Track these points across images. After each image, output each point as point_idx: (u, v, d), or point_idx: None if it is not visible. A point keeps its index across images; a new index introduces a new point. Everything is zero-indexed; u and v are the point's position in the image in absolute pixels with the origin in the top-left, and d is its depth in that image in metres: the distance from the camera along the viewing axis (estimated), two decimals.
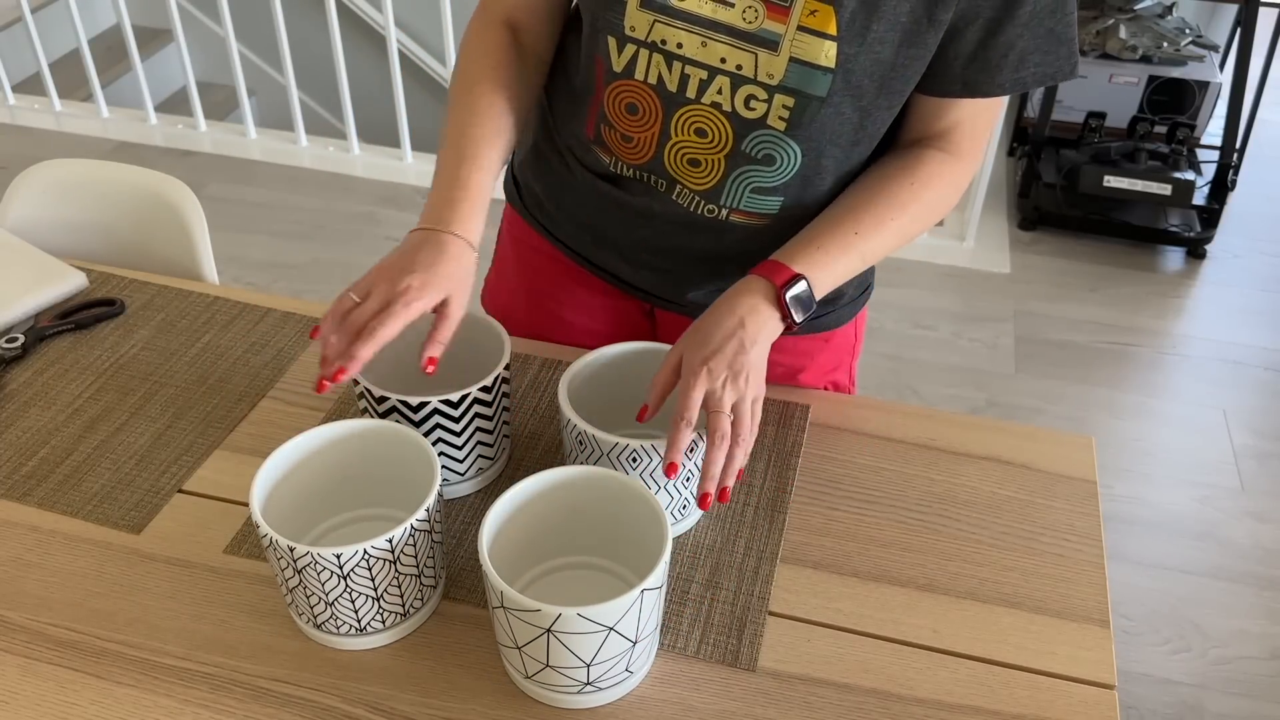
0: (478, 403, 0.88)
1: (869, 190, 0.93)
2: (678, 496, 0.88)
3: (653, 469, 0.85)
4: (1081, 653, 0.83)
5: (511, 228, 1.16)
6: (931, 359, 2.49)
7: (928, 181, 0.93)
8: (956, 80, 0.89)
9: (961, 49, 0.87)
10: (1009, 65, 0.87)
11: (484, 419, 0.90)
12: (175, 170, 3.08)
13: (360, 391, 0.89)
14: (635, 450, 0.83)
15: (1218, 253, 2.93)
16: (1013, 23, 0.84)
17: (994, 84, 0.88)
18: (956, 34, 0.86)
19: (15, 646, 0.81)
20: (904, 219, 0.92)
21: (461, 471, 0.92)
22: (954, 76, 0.89)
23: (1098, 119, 2.95)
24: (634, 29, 0.88)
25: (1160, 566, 2.01)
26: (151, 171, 1.42)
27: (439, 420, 0.87)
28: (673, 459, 0.80)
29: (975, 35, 0.85)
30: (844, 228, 0.91)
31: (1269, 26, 3.02)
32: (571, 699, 0.77)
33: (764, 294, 0.87)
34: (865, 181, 0.94)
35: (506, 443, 0.96)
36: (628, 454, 0.84)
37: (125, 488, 0.95)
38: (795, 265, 0.89)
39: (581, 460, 0.87)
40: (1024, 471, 0.99)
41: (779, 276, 0.88)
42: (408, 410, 0.86)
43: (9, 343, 1.09)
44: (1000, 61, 0.87)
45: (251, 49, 3.93)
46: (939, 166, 0.93)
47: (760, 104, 0.88)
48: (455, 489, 0.93)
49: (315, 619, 0.80)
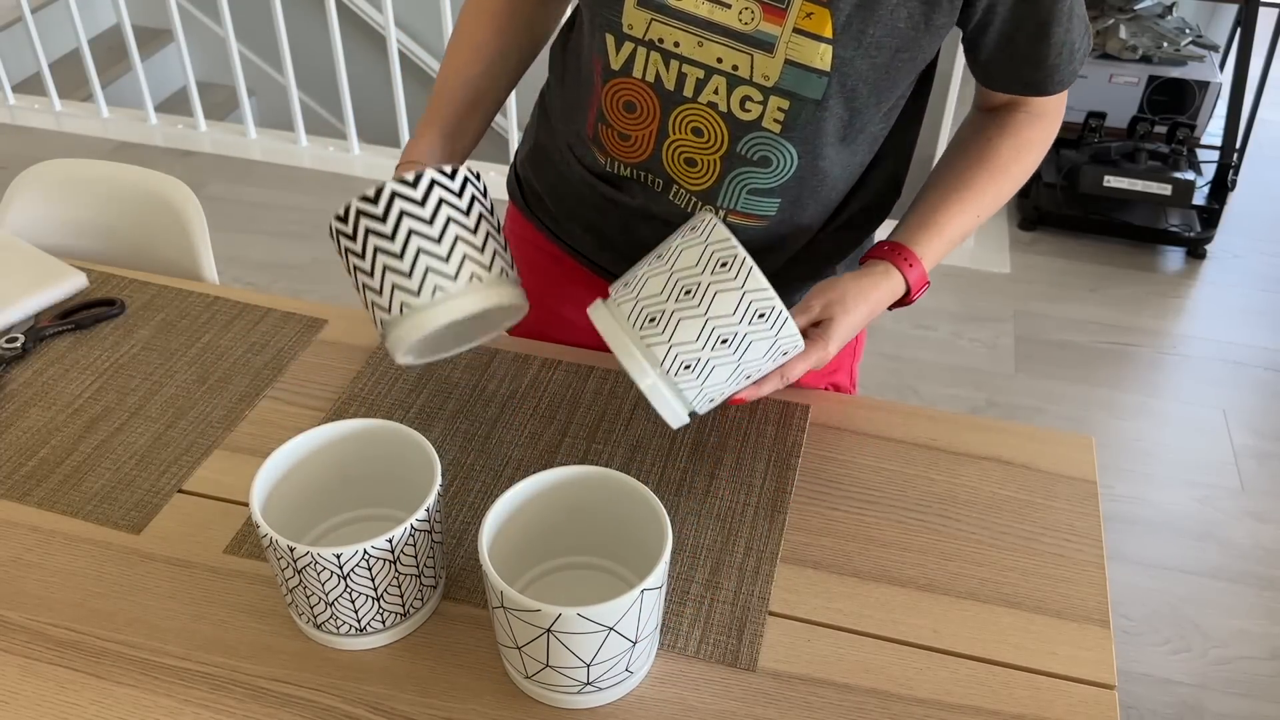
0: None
1: (979, 163, 0.97)
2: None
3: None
4: (1081, 653, 0.83)
5: (514, 225, 1.17)
6: (931, 359, 2.49)
7: (1024, 148, 0.97)
8: (1019, 83, 0.93)
9: (1017, 58, 0.90)
10: (1064, 61, 0.91)
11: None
12: (175, 170, 3.08)
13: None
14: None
15: (1218, 253, 2.93)
16: (1059, 24, 0.87)
17: (1056, 82, 0.93)
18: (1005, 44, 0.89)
19: (15, 646, 0.81)
20: (1008, 185, 0.97)
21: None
22: (1019, 83, 0.93)
23: (1098, 119, 2.95)
24: (631, 27, 0.88)
25: (1160, 566, 2.01)
26: (151, 171, 1.42)
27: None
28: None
29: (1027, 42, 0.89)
30: (968, 214, 0.96)
31: (1269, 26, 3.02)
32: (571, 699, 0.77)
33: (892, 296, 0.94)
34: (974, 153, 0.97)
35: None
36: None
37: (125, 488, 0.95)
38: (926, 261, 0.94)
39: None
40: (1024, 471, 0.99)
41: (916, 284, 0.94)
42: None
43: (9, 343, 1.09)
44: (1056, 60, 0.90)
45: (251, 49, 3.93)
46: (1031, 131, 0.97)
47: (755, 105, 0.88)
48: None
49: (315, 619, 0.80)
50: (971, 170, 0.96)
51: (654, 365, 0.83)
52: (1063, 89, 0.94)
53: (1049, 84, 0.93)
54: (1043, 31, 0.87)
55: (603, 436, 1.00)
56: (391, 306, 0.84)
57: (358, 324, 1.14)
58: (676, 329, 0.82)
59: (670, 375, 0.83)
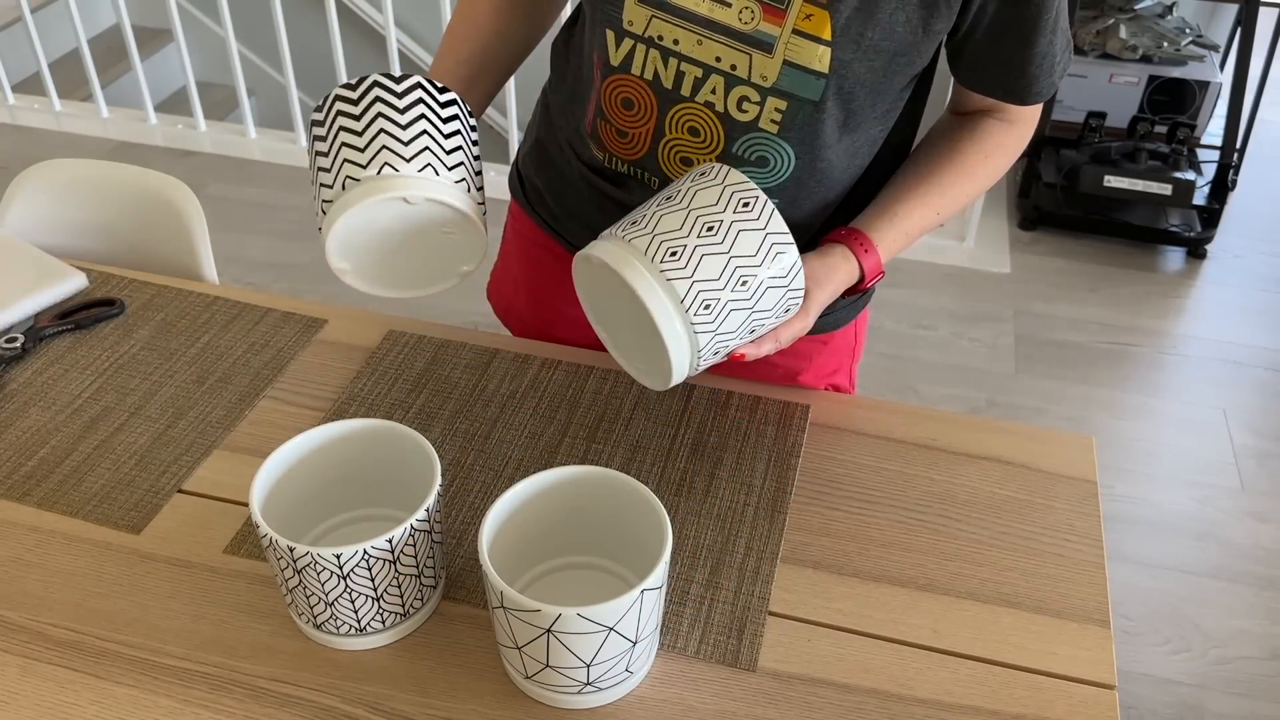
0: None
1: (943, 162, 0.96)
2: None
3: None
4: (1081, 653, 0.83)
5: (515, 222, 1.17)
6: (931, 359, 2.49)
7: (994, 152, 0.96)
8: (998, 89, 0.93)
9: (999, 63, 0.90)
10: (1044, 72, 0.91)
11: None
12: (175, 170, 3.08)
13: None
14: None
15: (1218, 253, 2.93)
16: (1042, 35, 0.87)
17: (1034, 93, 0.92)
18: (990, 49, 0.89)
19: (15, 646, 0.81)
20: (972, 186, 0.97)
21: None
22: (999, 88, 0.93)
23: (1098, 119, 2.95)
24: (632, 23, 0.88)
25: (1160, 566, 2.01)
26: (151, 171, 1.42)
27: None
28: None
29: (1010, 49, 0.88)
30: (929, 208, 0.95)
31: (1269, 26, 3.02)
32: (571, 699, 0.77)
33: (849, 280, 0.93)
34: (939, 154, 0.97)
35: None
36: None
37: (125, 488, 0.95)
38: (882, 250, 0.94)
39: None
40: (1024, 471, 0.99)
41: (871, 271, 0.93)
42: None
43: (9, 343, 1.09)
44: (1036, 71, 0.90)
45: (251, 49, 3.93)
46: (1003, 136, 0.97)
47: (753, 106, 0.88)
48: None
49: (315, 619, 0.80)
50: (938, 169, 0.96)
51: (674, 301, 0.78)
52: (1040, 100, 0.94)
53: (1028, 93, 0.92)
54: (1026, 40, 0.87)
55: (603, 436, 1.00)
56: (336, 181, 0.79)
57: (358, 324, 1.14)
58: (700, 264, 0.77)
59: (689, 314, 0.78)
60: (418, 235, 0.84)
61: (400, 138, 0.80)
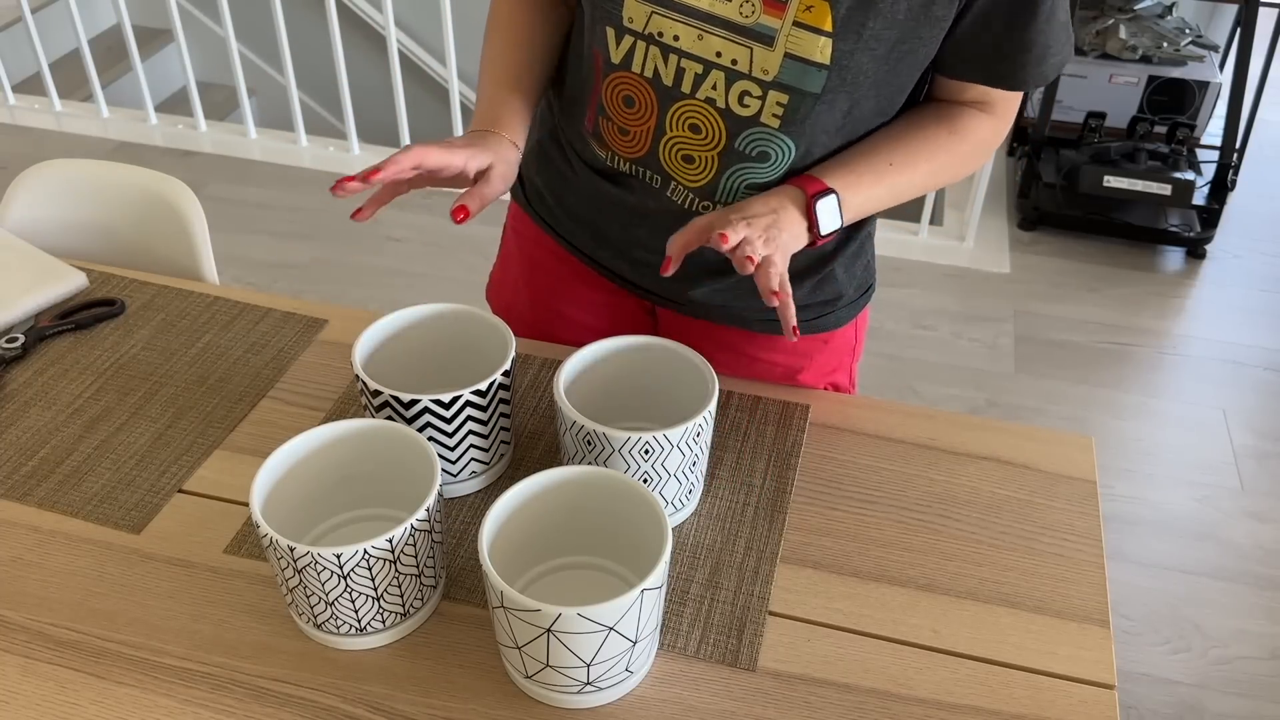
0: (471, 405, 0.88)
1: (907, 130, 0.94)
2: (684, 482, 0.88)
3: (664, 458, 0.85)
4: (1081, 653, 0.83)
5: (515, 223, 1.17)
6: (931, 359, 2.49)
7: (964, 134, 0.95)
8: (983, 74, 0.91)
9: (986, 46, 0.88)
10: (1033, 61, 0.89)
11: (478, 422, 0.89)
12: (175, 170, 3.08)
13: (360, 388, 0.89)
14: (648, 443, 0.84)
15: (1218, 253, 2.93)
16: (1035, 21, 0.86)
17: (1019, 80, 0.91)
18: (978, 30, 0.87)
19: (15, 646, 0.81)
20: (935, 164, 0.94)
21: (454, 473, 0.92)
22: (981, 71, 0.91)
23: (1098, 119, 2.95)
24: (632, 20, 0.88)
25: (1160, 566, 2.01)
26: (151, 171, 1.42)
27: (430, 419, 0.87)
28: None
29: (999, 32, 0.87)
30: (879, 157, 0.93)
31: (1269, 26, 3.02)
32: (571, 699, 0.77)
33: (794, 200, 0.89)
34: (903, 123, 0.95)
35: (505, 447, 0.95)
36: (640, 447, 0.84)
37: (125, 488, 0.95)
38: (828, 181, 0.90)
39: (589, 460, 0.87)
40: (1024, 471, 0.99)
41: (811, 187, 0.89)
42: (399, 406, 0.86)
43: (9, 343, 1.09)
44: (1025, 58, 0.89)
45: (251, 49, 3.93)
46: (975, 122, 0.95)
47: (754, 101, 0.88)
48: (451, 489, 0.93)
49: (315, 619, 0.80)
50: (905, 143, 0.93)
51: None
52: (1023, 89, 0.92)
53: (1012, 78, 0.90)
54: (1018, 24, 0.86)
55: None
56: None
57: (358, 324, 1.14)
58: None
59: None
60: None
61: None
